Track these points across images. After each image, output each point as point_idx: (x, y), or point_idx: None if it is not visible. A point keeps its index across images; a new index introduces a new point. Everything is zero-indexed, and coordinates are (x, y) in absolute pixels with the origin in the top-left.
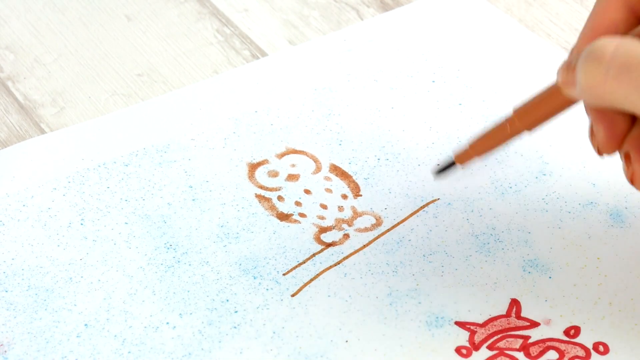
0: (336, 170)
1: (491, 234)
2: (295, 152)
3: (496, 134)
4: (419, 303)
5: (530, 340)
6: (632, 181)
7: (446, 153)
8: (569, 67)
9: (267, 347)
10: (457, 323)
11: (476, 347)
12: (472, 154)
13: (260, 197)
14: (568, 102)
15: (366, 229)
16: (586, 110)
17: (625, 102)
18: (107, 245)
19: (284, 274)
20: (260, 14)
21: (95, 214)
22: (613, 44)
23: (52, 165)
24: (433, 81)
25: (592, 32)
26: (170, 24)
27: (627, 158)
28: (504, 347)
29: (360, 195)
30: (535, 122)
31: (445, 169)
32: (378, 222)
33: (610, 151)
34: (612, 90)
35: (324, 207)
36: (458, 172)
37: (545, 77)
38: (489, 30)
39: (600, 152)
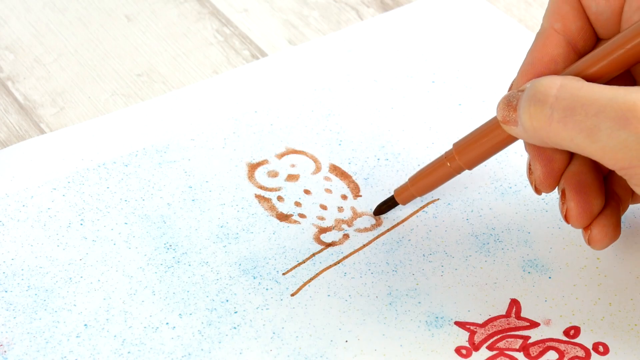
0: (336, 170)
1: (491, 234)
2: (295, 152)
3: (436, 171)
4: (419, 303)
5: (530, 341)
6: (566, 219)
7: None
8: (509, 104)
9: (266, 348)
10: (457, 323)
11: (476, 348)
12: (412, 192)
13: (260, 198)
14: (509, 139)
15: (366, 229)
16: (525, 147)
17: (571, 144)
18: (107, 245)
19: (283, 274)
20: (260, 14)
21: (95, 214)
22: (556, 85)
23: (52, 165)
24: (433, 81)
25: (532, 67)
26: (170, 24)
27: (562, 195)
28: (504, 347)
29: (360, 196)
30: (476, 160)
31: (385, 206)
32: (378, 223)
33: (547, 188)
34: (556, 132)
35: (323, 207)
36: (398, 210)
37: None
38: (489, 30)
39: (538, 191)
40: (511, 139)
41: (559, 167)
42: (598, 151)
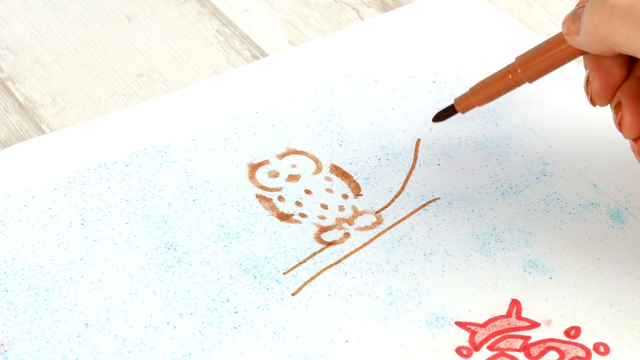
0: (337, 170)
1: (492, 234)
2: (295, 152)
3: (498, 83)
4: (420, 303)
5: (531, 341)
6: (619, 127)
7: (447, 153)
8: (574, 16)
9: (267, 347)
10: (457, 323)
11: (476, 348)
12: (472, 102)
13: (260, 198)
14: (570, 54)
15: (367, 227)
16: (585, 63)
17: (627, 41)
18: (108, 245)
19: (284, 273)
20: (260, 14)
21: (96, 214)
22: None
23: (53, 165)
24: (434, 82)
25: None
26: (170, 24)
27: (617, 107)
28: (505, 347)
29: (361, 195)
30: (537, 74)
31: (444, 114)
32: (378, 221)
33: (603, 101)
34: (615, 28)
35: (324, 207)
36: (456, 118)
37: (544, 77)
38: (489, 30)
39: (593, 102)
40: (571, 55)
41: (616, 81)
42: None
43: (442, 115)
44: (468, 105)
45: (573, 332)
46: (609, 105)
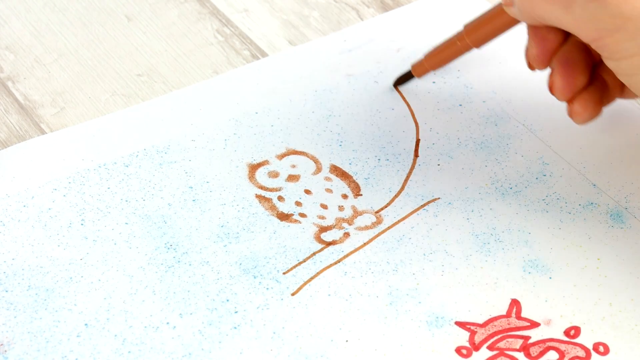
0: (336, 170)
1: (491, 234)
2: (295, 153)
3: (448, 48)
4: (419, 303)
5: (531, 341)
6: (550, 89)
7: (447, 153)
8: None
9: (267, 347)
10: (457, 323)
11: (476, 347)
12: (427, 67)
13: (260, 198)
14: (510, 22)
15: (366, 227)
16: (527, 30)
17: (551, 17)
18: (108, 245)
19: (284, 273)
20: (260, 14)
21: (96, 214)
22: None
23: (53, 165)
24: (433, 82)
25: None
26: (170, 24)
27: (552, 71)
28: (504, 347)
29: (361, 195)
30: (482, 39)
31: (403, 78)
32: (378, 220)
33: (540, 65)
34: (539, 5)
35: (324, 207)
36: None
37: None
38: None
39: (531, 67)
40: (511, 23)
41: (552, 47)
42: (572, 22)
43: (401, 80)
44: (423, 70)
45: (573, 332)
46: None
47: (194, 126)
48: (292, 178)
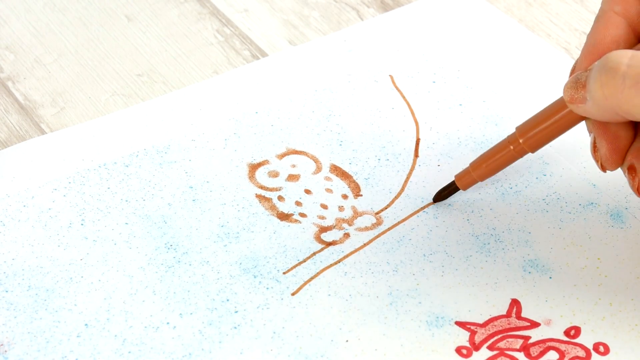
0: (336, 170)
1: (492, 234)
2: (295, 152)
3: (499, 155)
4: (420, 303)
5: (531, 341)
6: (639, 192)
7: (446, 154)
8: (577, 82)
9: (267, 347)
10: (457, 323)
11: (476, 347)
12: (474, 177)
13: (260, 197)
14: (573, 121)
15: (367, 228)
16: (588, 127)
17: None
18: (108, 245)
19: (284, 273)
20: (260, 14)
21: (96, 214)
22: (628, 55)
23: (53, 165)
24: (433, 82)
25: (594, 48)
26: (170, 24)
27: (631, 170)
28: (505, 347)
29: (361, 195)
30: (539, 142)
31: (446, 192)
32: (378, 222)
33: (613, 165)
34: (628, 99)
35: (324, 207)
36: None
37: (545, 77)
38: (489, 30)
39: (603, 168)
40: (574, 120)
41: (625, 144)
42: None
43: (444, 193)
44: (470, 181)
45: (573, 332)
46: None
47: (194, 126)
48: (292, 178)
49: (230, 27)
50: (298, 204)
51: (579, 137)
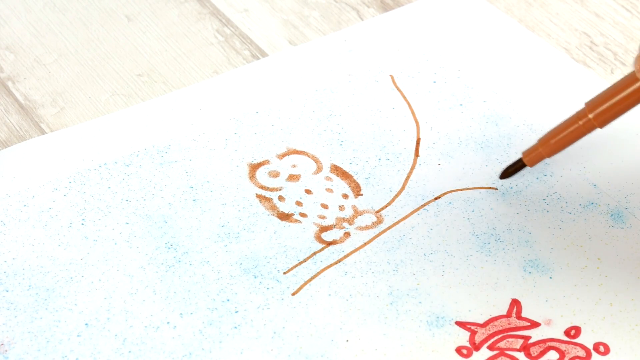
0: (337, 170)
1: (492, 234)
2: (296, 152)
3: (568, 130)
4: (420, 303)
5: (531, 341)
6: None
7: (447, 153)
8: None
9: (267, 347)
10: (457, 323)
11: (477, 347)
12: (542, 153)
13: (261, 197)
14: None
15: (367, 227)
16: None
17: None
18: (108, 245)
19: (284, 273)
20: (260, 14)
21: (96, 214)
22: None
23: (53, 165)
24: (434, 81)
25: None
26: (170, 24)
27: None
28: (505, 347)
29: (361, 195)
30: (609, 117)
31: (513, 169)
32: (379, 220)
33: None
34: None
35: (324, 206)
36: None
37: (545, 77)
38: (489, 30)
39: None
40: None
41: None
42: None
43: (511, 170)
44: (537, 157)
45: (573, 332)
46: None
47: (194, 126)
48: (293, 178)
49: (230, 27)
50: (298, 204)
51: None
